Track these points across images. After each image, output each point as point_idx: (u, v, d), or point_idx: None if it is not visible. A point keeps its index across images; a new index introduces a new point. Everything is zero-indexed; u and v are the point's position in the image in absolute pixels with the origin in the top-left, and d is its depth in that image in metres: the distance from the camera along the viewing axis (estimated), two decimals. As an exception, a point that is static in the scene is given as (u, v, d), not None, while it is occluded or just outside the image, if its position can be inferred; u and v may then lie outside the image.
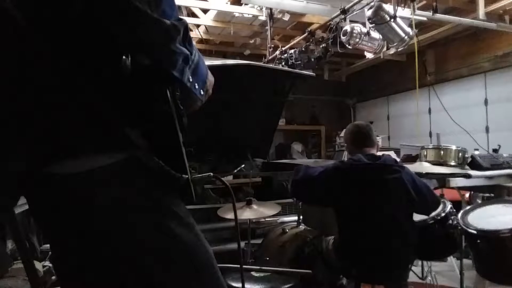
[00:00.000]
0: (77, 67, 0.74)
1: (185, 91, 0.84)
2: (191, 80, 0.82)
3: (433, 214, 2.32)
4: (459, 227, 2.29)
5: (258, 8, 4.84)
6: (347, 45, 4.11)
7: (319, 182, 2.08)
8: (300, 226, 2.76)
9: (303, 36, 4.96)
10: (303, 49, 4.84)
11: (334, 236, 2.26)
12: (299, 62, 4.81)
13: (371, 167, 2.01)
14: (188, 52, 0.80)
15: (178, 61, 0.78)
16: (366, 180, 2.00)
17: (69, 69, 0.73)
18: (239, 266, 1.63)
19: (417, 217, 2.26)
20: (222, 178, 1.02)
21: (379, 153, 2.20)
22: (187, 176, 0.83)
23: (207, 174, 0.93)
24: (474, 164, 3.08)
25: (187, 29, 0.81)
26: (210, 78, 0.93)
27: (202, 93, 0.87)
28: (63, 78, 0.73)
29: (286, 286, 1.95)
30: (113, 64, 0.74)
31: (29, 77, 0.75)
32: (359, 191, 2.01)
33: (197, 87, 0.85)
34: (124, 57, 0.74)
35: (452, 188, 2.95)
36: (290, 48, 5.16)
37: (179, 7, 4.58)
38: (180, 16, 0.83)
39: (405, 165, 2.15)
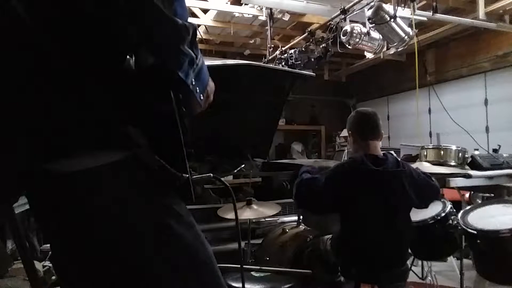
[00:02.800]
0: (78, 66, 0.74)
1: (187, 93, 0.84)
2: (193, 83, 0.83)
3: (433, 214, 2.32)
4: (459, 227, 2.29)
5: (258, 8, 4.84)
6: (347, 45, 4.11)
7: (326, 194, 2.01)
8: (300, 226, 2.76)
9: (303, 36, 4.96)
10: (303, 49, 4.84)
11: (331, 236, 2.25)
12: (299, 62, 4.81)
13: (375, 172, 1.97)
14: (194, 55, 0.81)
15: (184, 63, 0.79)
16: (370, 185, 1.98)
17: (71, 68, 0.73)
18: (239, 266, 1.63)
19: (417, 217, 2.26)
20: (222, 178, 1.02)
21: (382, 152, 2.13)
22: (187, 175, 0.83)
23: (207, 174, 0.93)
24: (474, 164, 3.08)
25: (195, 32, 0.81)
26: (211, 84, 0.93)
27: (202, 98, 0.87)
28: (64, 77, 0.74)
29: (286, 286, 1.95)
30: (116, 63, 0.74)
31: (30, 76, 0.75)
32: (362, 195, 1.99)
33: (198, 91, 0.85)
34: (128, 56, 0.74)
35: (452, 188, 2.95)
36: (290, 48, 5.16)
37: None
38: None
39: (407, 164, 2.10)
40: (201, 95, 0.87)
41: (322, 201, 2.04)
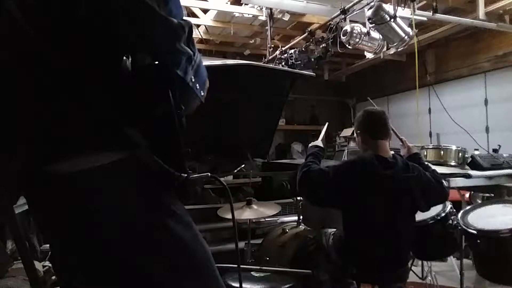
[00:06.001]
0: (77, 68, 0.74)
1: (186, 91, 0.84)
2: (193, 80, 0.83)
3: (433, 214, 2.32)
4: (459, 227, 2.29)
5: (258, 8, 4.83)
6: (347, 45, 4.11)
7: (331, 188, 1.99)
8: (300, 226, 2.76)
9: (303, 36, 4.96)
10: (303, 49, 4.84)
11: (334, 231, 2.24)
12: (299, 62, 4.81)
13: (383, 176, 1.95)
14: (191, 52, 0.81)
15: (182, 61, 0.79)
16: (376, 188, 1.96)
17: (70, 69, 0.73)
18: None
19: (417, 217, 2.26)
20: (221, 179, 1.02)
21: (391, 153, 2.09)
22: (185, 175, 0.83)
23: (205, 174, 0.94)
24: (474, 164, 3.09)
25: (191, 29, 0.82)
26: (207, 81, 0.93)
27: (202, 93, 0.88)
28: (63, 78, 0.74)
29: (286, 286, 1.95)
30: (114, 64, 0.74)
31: (29, 77, 0.75)
32: (367, 196, 1.97)
33: (198, 87, 0.85)
34: (124, 57, 0.74)
35: (452, 188, 2.95)
36: (290, 48, 5.15)
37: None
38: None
39: (417, 167, 2.06)
40: (202, 91, 0.87)
41: (325, 194, 2.02)
